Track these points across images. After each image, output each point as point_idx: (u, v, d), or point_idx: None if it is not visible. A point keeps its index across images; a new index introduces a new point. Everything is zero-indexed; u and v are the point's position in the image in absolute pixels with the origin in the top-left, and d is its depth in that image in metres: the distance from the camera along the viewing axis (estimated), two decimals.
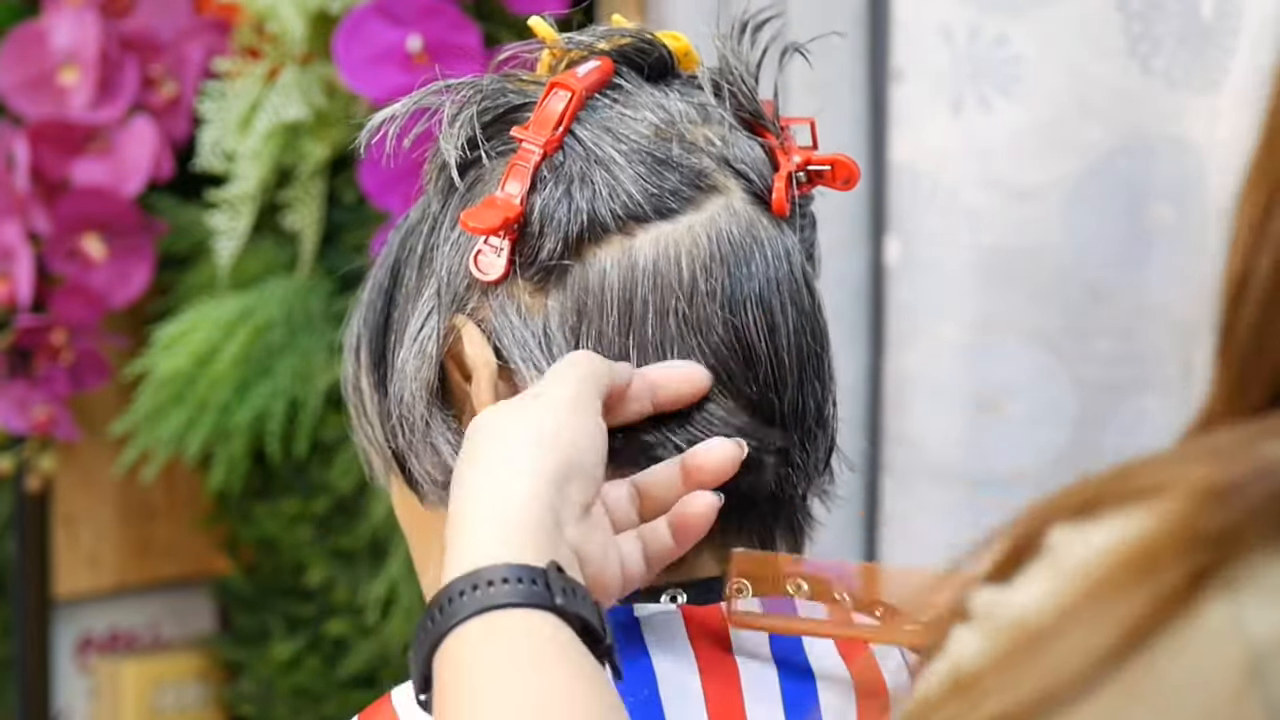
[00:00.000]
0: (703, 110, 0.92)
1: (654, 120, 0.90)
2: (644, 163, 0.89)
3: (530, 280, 0.89)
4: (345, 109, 1.76)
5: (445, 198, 0.93)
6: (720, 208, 0.89)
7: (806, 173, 0.93)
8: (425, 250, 0.93)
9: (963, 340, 1.57)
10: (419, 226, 0.94)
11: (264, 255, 1.86)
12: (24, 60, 1.86)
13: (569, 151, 0.89)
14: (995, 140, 1.54)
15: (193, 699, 2.06)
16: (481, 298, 0.90)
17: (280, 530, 1.91)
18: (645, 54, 0.93)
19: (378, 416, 0.95)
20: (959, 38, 1.55)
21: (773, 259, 0.90)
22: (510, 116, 0.91)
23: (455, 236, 0.91)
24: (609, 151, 0.89)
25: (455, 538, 0.81)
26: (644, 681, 0.86)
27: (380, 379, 0.94)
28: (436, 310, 0.91)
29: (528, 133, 0.89)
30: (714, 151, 0.90)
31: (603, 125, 0.90)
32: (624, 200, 0.88)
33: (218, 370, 1.81)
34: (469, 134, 0.90)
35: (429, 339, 0.91)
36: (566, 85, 0.90)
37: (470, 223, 0.88)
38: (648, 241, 0.88)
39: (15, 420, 1.89)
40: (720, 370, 0.88)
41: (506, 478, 0.81)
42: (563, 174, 0.89)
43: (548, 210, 0.88)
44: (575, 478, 0.82)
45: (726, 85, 0.92)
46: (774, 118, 0.94)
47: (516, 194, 0.88)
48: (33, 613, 2.00)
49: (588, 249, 0.88)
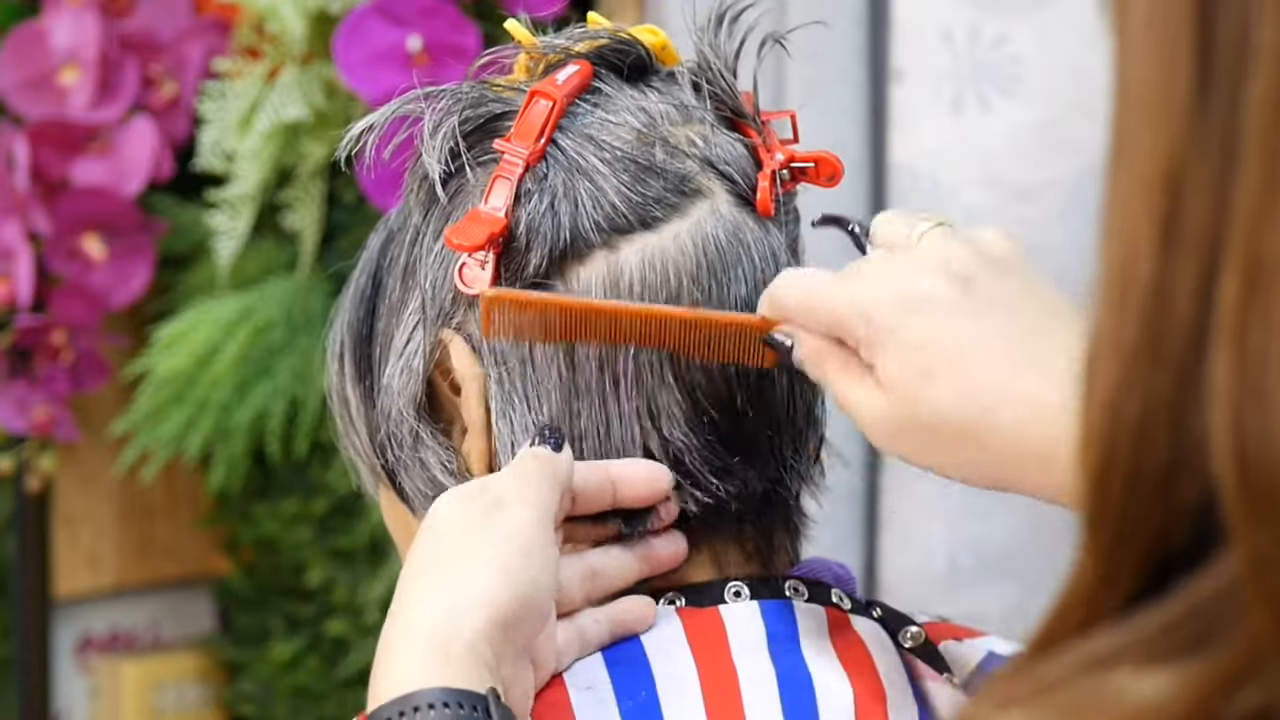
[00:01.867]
0: (683, 109, 0.91)
1: (635, 124, 0.90)
2: (627, 170, 0.88)
3: None
4: (345, 109, 1.76)
5: (427, 209, 0.92)
6: (706, 212, 0.89)
7: (790, 170, 0.92)
8: (408, 261, 0.92)
9: None
10: (400, 235, 0.93)
11: (264, 255, 1.86)
12: (24, 60, 1.86)
13: (552, 162, 0.88)
14: (995, 140, 1.54)
15: (193, 699, 2.06)
16: (468, 311, 0.89)
17: (280, 530, 1.91)
18: (623, 55, 0.92)
19: (365, 428, 0.94)
20: (959, 38, 1.55)
21: (760, 262, 0.89)
22: (491, 126, 0.90)
23: (439, 249, 0.90)
24: (592, 161, 0.88)
25: (390, 655, 0.78)
26: (642, 684, 0.86)
27: (368, 390, 0.94)
28: (422, 324, 0.91)
29: (510, 144, 0.88)
30: (697, 153, 0.90)
31: (584, 133, 0.89)
32: (608, 212, 0.87)
33: (218, 370, 1.81)
34: (451, 145, 0.89)
35: (415, 354, 0.91)
36: (547, 94, 0.89)
37: (455, 239, 0.87)
38: (633, 253, 0.87)
39: (15, 420, 1.89)
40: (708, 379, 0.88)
41: (460, 605, 0.78)
42: (547, 186, 0.88)
43: (533, 224, 0.87)
44: (527, 619, 0.80)
45: (705, 82, 0.92)
46: (754, 111, 0.93)
47: (500, 207, 0.87)
48: (33, 613, 1.99)
49: (571, 267, 0.87)
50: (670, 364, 0.87)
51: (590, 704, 0.85)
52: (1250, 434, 0.46)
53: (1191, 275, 0.47)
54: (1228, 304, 0.47)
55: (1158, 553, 0.49)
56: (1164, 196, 0.48)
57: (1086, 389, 0.50)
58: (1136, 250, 0.48)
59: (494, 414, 0.88)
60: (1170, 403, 0.48)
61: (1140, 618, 0.49)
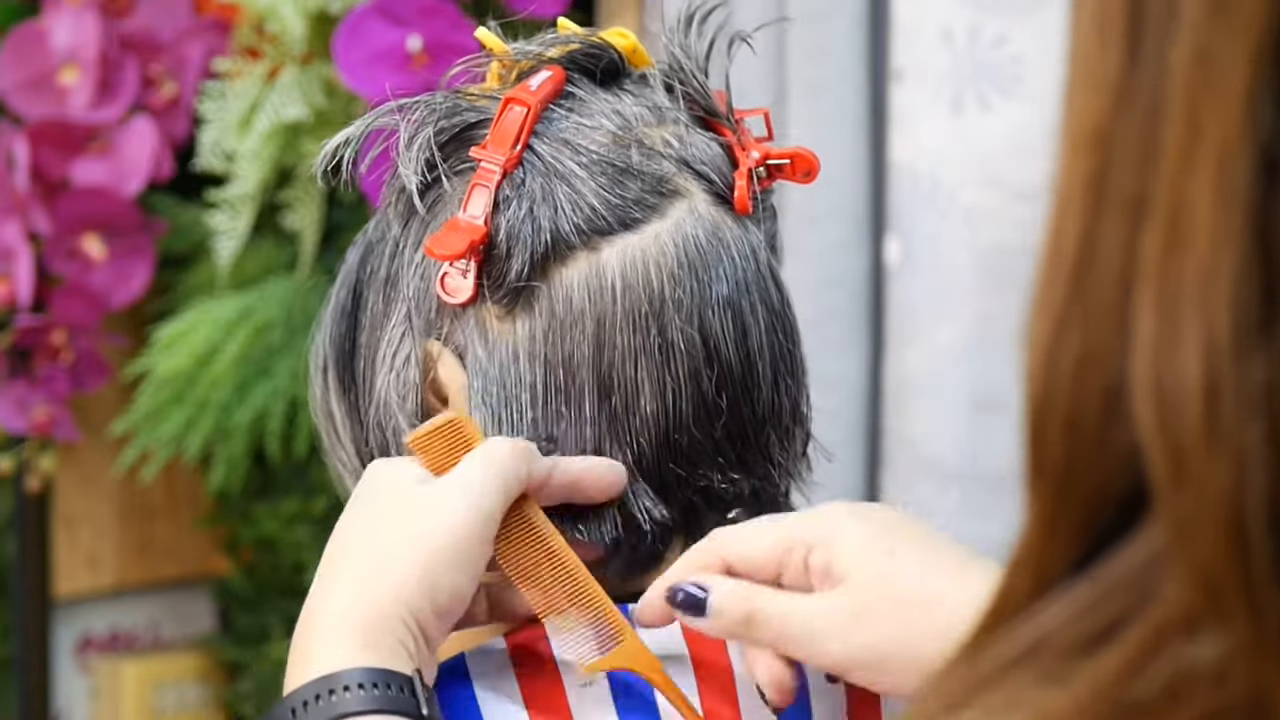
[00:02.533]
0: (657, 111, 0.91)
1: (610, 128, 0.90)
2: (605, 173, 0.88)
3: (499, 304, 0.88)
4: (345, 109, 1.76)
5: (406, 220, 0.92)
6: (684, 212, 0.89)
7: (766, 167, 0.92)
8: (389, 274, 0.92)
9: (963, 340, 1.57)
10: (379, 247, 0.93)
11: (264, 255, 1.86)
12: (24, 60, 1.86)
13: (529, 168, 0.88)
14: (995, 140, 1.54)
15: (193, 699, 2.06)
16: (453, 321, 0.90)
17: (280, 530, 1.91)
18: (596, 59, 0.92)
19: (352, 442, 0.95)
20: (959, 38, 1.55)
21: (740, 259, 0.90)
22: (467, 135, 0.90)
23: (419, 260, 0.91)
24: (569, 165, 0.88)
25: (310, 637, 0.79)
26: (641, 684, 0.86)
27: (353, 404, 0.94)
28: (409, 335, 0.91)
29: (486, 151, 0.88)
30: (673, 154, 0.90)
31: (560, 138, 0.89)
32: (587, 214, 0.88)
33: (218, 370, 1.81)
34: (427, 156, 0.89)
35: (406, 366, 0.91)
36: (521, 100, 0.89)
37: (436, 249, 0.87)
38: (614, 254, 0.88)
39: (15, 420, 1.89)
40: (693, 375, 0.88)
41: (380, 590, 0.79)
42: (525, 192, 0.88)
43: (513, 230, 0.87)
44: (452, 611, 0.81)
45: (679, 83, 0.92)
46: (728, 111, 0.93)
47: (479, 215, 0.87)
48: (33, 613, 2.00)
49: (554, 268, 0.88)
50: (657, 368, 0.87)
51: (589, 700, 0.85)
52: (1167, 382, 0.47)
53: (1119, 229, 0.49)
54: (1149, 254, 0.48)
55: (1099, 508, 0.50)
56: (1094, 154, 0.50)
57: (1027, 342, 0.51)
58: (1069, 207, 0.50)
59: (482, 423, 0.88)
60: (1102, 352, 0.49)
61: (1076, 590, 0.49)
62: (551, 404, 0.88)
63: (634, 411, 0.87)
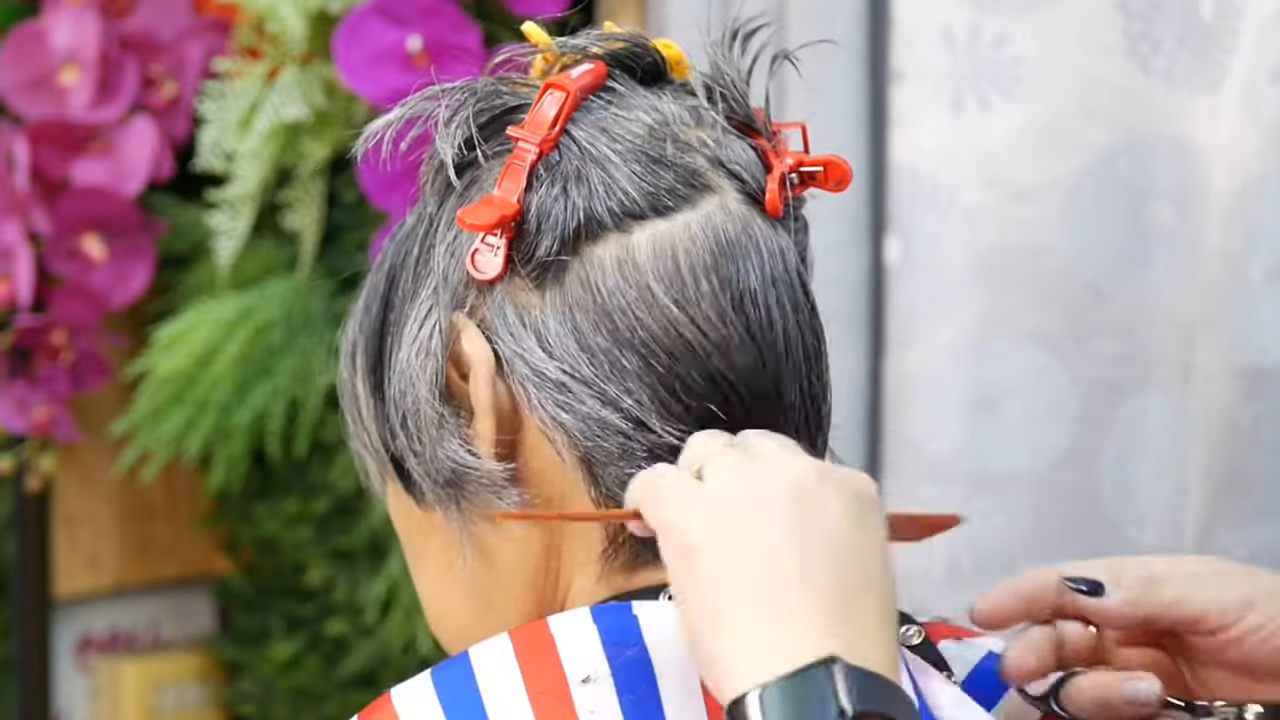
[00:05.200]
0: (695, 113, 0.92)
1: (648, 121, 0.91)
2: (639, 161, 0.90)
3: (528, 278, 0.89)
4: (345, 109, 1.76)
5: (442, 198, 0.93)
6: (715, 206, 0.90)
7: (799, 174, 0.93)
8: (421, 252, 0.93)
9: (963, 340, 1.57)
10: (415, 230, 0.95)
11: (264, 255, 1.86)
12: (24, 60, 1.86)
13: (565, 151, 0.90)
14: (995, 140, 1.54)
15: (193, 699, 2.06)
16: (480, 296, 0.91)
17: (280, 530, 1.91)
18: (638, 58, 0.94)
19: (374, 420, 0.95)
20: (959, 38, 1.55)
21: (768, 256, 0.91)
22: (506, 117, 0.91)
23: (452, 237, 0.92)
24: (604, 150, 0.90)
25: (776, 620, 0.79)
26: (643, 679, 0.86)
27: (377, 383, 0.94)
28: (436, 308, 0.92)
29: (524, 132, 0.90)
30: (707, 152, 0.91)
31: (597, 125, 0.91)
32: (620, 198, 0.89)
33: (218, 370, 1.81)
34: (465, 134, 0.91)
35: (431, 336, 0.92)
36: (561, 86, 0.90)
37: (467, 220, 0.88)
38: (644, 239, 0.89)
39: (15, 420, 1.89)
40: (722, 364, 0.88)
41: None
42: (559, 173, 0.89)
43: (544, 208, 0.89)
44: None
45: (719, 89, 0.93)
46: (766, 123, 0.94)
47: (513, 192, 0.89)
48: (33, 613, 1.99)
49: (585, 246, 0.89)
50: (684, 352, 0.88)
51: (589, 696, 0.85)
52: None
53: None
54: None
55: None
56: None
57: None
58: None
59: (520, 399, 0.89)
60: None
61: None
62: (575, 380, 0.88)
63: (657, 392, 0.88)
